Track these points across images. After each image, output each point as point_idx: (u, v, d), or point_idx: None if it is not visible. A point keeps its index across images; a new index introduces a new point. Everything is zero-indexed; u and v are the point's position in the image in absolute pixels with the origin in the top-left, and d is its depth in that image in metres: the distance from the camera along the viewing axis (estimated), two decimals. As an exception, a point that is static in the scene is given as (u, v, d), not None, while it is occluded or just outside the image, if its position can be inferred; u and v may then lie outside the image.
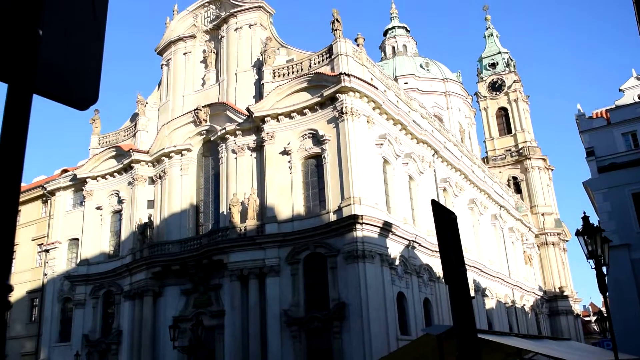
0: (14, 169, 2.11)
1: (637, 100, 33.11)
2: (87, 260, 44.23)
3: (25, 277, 49.17)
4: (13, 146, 2.11)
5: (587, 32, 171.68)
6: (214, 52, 44.32)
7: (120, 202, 44.24)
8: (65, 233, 47.69)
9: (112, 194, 44.97)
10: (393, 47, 78.89)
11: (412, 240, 36.40)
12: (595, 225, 13.94)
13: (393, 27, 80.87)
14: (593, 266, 13.78)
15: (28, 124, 2.13)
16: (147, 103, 46.34)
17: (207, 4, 45.71)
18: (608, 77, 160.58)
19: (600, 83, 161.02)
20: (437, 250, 33.96)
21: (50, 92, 2.25)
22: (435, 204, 5.21)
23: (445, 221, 4.86)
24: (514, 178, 75.69)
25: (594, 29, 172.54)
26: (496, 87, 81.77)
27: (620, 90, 34.87)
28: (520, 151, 76.26)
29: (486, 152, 79.75)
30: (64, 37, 2.29)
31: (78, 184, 47.28)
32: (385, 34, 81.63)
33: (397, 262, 34.41)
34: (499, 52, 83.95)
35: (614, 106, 33.86)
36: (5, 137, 2.11)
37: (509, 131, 79.41)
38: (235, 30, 42.77)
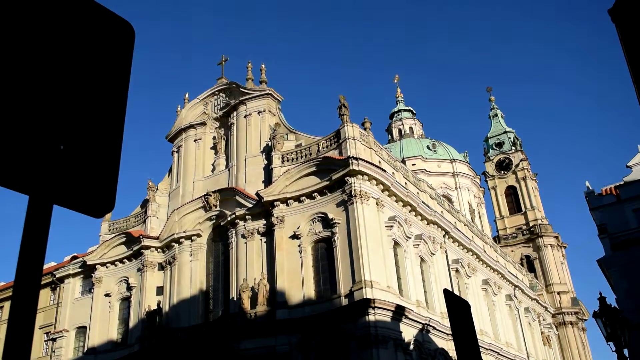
0: (33, 278, 2.15)
1: (646, 176, 33.15)
2: (95, 349, 43.39)
3: (31, 368, 48.11)
4: (32, 255, 2.16)
5: (591, 109, 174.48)
6: (223, 139, 45.22)
7: (129, 288, 43.90)
8: (73, 321, 47.05)
9: (121, 281, 44.70)
10: (400, 130, 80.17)
11: (426, 324, 35.64)
12: (612, 306, 13.66)
13: (399, 111, 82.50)
14: (613, 349, 13.40)
15: (47, 234, 2.19)
16: (157, 189, 46.87)
17: (217, 92, 47.05)
18: (615, 153, 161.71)
19: (607, 159, 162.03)
20: (451, 334, 33.21)
21: (68, 202, 2.33)
22: (448, 294, 5.16)
23: (458, 311, 4.80)
24: (527, 257, 74.87)
25: (598, 106, 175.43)
26: (503, 166, 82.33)
27: (627, 166, 35.03)
28: (532, 229, 75.80)
29: (497, 231, 79.31)
30: (83, 151, 2.39)
31: (87, 271, 47.09)
32: (391, 117, 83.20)
33: (411, 347, 33.55)
34: (505, 132, 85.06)
35: (622, 182, 33.92)
36: (25, 247, 2.16)
37: (519, 209, 79.26)
38: (245, 117, 43.78)
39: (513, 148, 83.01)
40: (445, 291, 5.33)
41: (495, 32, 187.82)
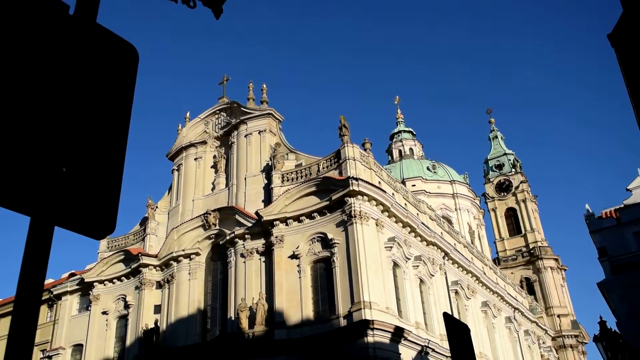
0: (33, 297, 2.15)
1: (646, 200, 33.13)
2: (91, 368, 43.03)
3: (26, 386, 47.62)
4: (33, 275, 2.17)
5: (591, 132, 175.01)
6: (224, 158, 45.32)
7: (126, 306, 43.66)
8: (70, 338, 46.69)
9: (119, 299, 44.47)
10: (400, 151, 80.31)
11: (425, 346, 35.38)
12: (613, 330, 13.59)
13: (399, 132, 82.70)
14: (614, 374, 13.30)
15: (48, 255, 2.20)
16: (157, 207, 46.85)
17: (218, 112, 47.25)
18: (615, 176, 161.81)
19: (607, 182, 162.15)
20: (451, 357, 32.96)
21: (69, 224, 2.34)
22: (447, 317, 5.14)
23: (458, 334, 4.77)
24: (527, 279, 74.61)
25: (598, 129, 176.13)
26: (503, 188, 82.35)
27: (627, 189, 35.02)
28: (532, 251, 75.60)
29: (497, 253, 79.10)
30: (85, 173, 2.41)
31: (85, 288, 46.84)
32: (391, 138, 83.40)
33: (410, 369, 33.28)
34: (505, 154, 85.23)
35: (623, 205, 33.89)
36: (26, 267, 2.17)
37: (519, 231, 79.12)
38: (245, 136, 43.91)
39: (513, 170, 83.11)
40: (445, 315, 5.31)
41: (496, 56, 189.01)
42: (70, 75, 2.45)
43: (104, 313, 44.55)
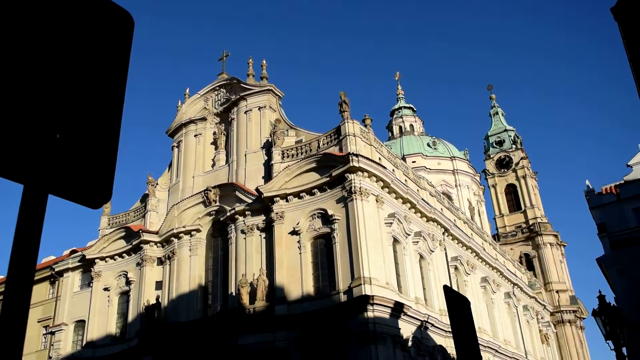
0: (27, 269, 2.11)
1: (646, 175, 33.11)
2: (93, 343, 43.42)
3: (30, 360, 48.16)
4: (27, 246, 2.13)
5: (592, 108, 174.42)
6: (224, 134, 45.17)
7: (128, 283, 43.91)
8: (72, 315, 47.04)
9: (120, 275, 44.71)
10: (400, 127, 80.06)
11: (425, 321, 35.64)
12: (612, 305, 13.64)
13: (400, 108, 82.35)
14: (612, 347, 13.38)
15: (42, 224, 2.15)
16: (157, 184, 46.85)
17: (217, 88, 46.97)
18: (615, 152, 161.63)
19: (608, 158, 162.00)
20: (451, 330, 33.20)
21: (63, 192, 2.29)
22: (448, 290, 5.13)
23: (458, 307, 4.77)
24: (526, 255, 74.93)
25: (599, 105, 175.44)
26: (504, 164, 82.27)
27: (628, 165, 34.96)
28: (531, 227, 75.81)
29: (496, 229, 79.31)
30: (80, 140, 2.35)
31: (86, 265, 47.06)
32: (392, 114, 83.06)
33: (409, 344, 33.56)
34: (505, 130, 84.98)
35: (623, 181, 33.87)
36: (19, 237, 2.13)
37: (519, 208, 79.26)
38: (245, 112, 43.72)
39: (513, 146, 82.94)
40: (445, 287, 5.30)
41: (497, 33, 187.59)
42: (63, 40, 2.38)
43: (106, 289, 44.81)
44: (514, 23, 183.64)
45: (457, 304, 4.72)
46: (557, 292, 70.78)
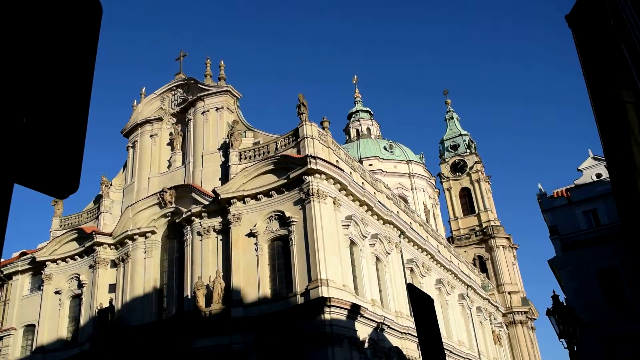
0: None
1: (595, 179, 34.19)
2: (44, 348, 42.19)
3: (-25, 367, 46.54)
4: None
5: (544, 113, 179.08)
6: (180, 135, 44.57)
7: (80, 286, 42.84)
8: (21, 319, 45.65)
9: (72, 278, 43.60)
10: (357, 130, 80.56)
11: (381, 323, 35.85)
12: (565, 304, 13.98)
13: (357, 111, 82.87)
14: (565, 346, 13.71)
15: (7, 216, 2.05)
16: (111, 185, 45.93)
17: (174, 88, 46.33)
18: (566, 156, 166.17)
19: (559, 162, 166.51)
20: (406, 332, 33.42)
21: (30, 181, 2.18)
22: (411, 288, 5.15)
23: (422, 305, 4.80)
24: (480, 257, 76.24)
25: (551, 110, 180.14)
26: (458, 168, 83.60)
27: (578, 170, 36.01)
28: (485, 230, 77.21)
29: (451, 231, 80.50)
30: (47, 126, 2.24)
31: (37, 268, 45.73)
32: (349, 117, 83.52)
33: (366, 345, 33.72)
34: (460, 135, 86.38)
35: (573, 185, 34.86)
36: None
37: (473, 211, 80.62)
38: (202, 113, 43.25)
39: (468, 150, 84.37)
40: (409, 286, 5.32)
41: (454, 38, 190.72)
42: (30, 20, 2.27)
43: (57, 292, 43.63)
44: (471, 27, 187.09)
45: (421, 302, 4.76)
46: (509, 293, 72.24)
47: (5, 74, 2.12)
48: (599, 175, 34.10)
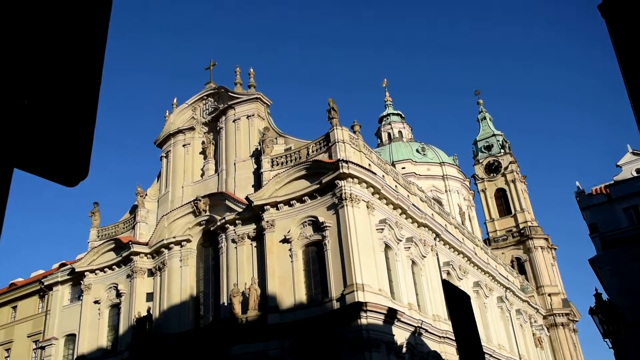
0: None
1: (635, 175, 33.28)
2: (84, 357, 42.82)
3: (20, 377, 47.46)
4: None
5: (580, 109, 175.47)
6: (212, 143, 44.91)
7: (118, 295, 43.41)
8: (62, 329, 46.48)
9: (111, 287, 44.21)
10: (389, 134, 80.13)
11: (419, 327, 35.41)
12: (608, 303, 13.51)
13: (388, 115, 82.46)
14: (610, 345, 13.24)
15: (6, 202, 1.94)
16: (146, 195, 46.48)
17: (205, 97, 46.75)
18: (604, 152, 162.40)
19: (597, 159, 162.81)
20: (445, 336, 32.91)
21: (33, 167, 2.06)
22: (447, 285, 4.96)
23: (458, 302, 4.60)
24: (518, 259, 74.98)
25: (587, 105, 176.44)
26: (493, 169, 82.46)
27: (617, 165, 35.12)
28: (522, 231, 75.94)
29: (487, 233, 79.38)
30: (52, 108, 2.13)
31: (76, 278, 46.54)
32: (380, 121, 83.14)
33: (404, 350, 33.32)
34: (494, 135, 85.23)
35: (612, 182, 33.99)
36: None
37: (509, 212, 79.38)
38: (234, 121, 43.51)
39: (502, 151, 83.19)
40: (445, 282, 5.13)
41: (484, 38, 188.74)
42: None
43: (96, 302, 44.30)
44: (501, 28, 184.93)
45: (457, 299, 4.57)
46: (549, 295, 70.86)
47: (5, 50, 2.01)
48: (639, 171, 33.18)
